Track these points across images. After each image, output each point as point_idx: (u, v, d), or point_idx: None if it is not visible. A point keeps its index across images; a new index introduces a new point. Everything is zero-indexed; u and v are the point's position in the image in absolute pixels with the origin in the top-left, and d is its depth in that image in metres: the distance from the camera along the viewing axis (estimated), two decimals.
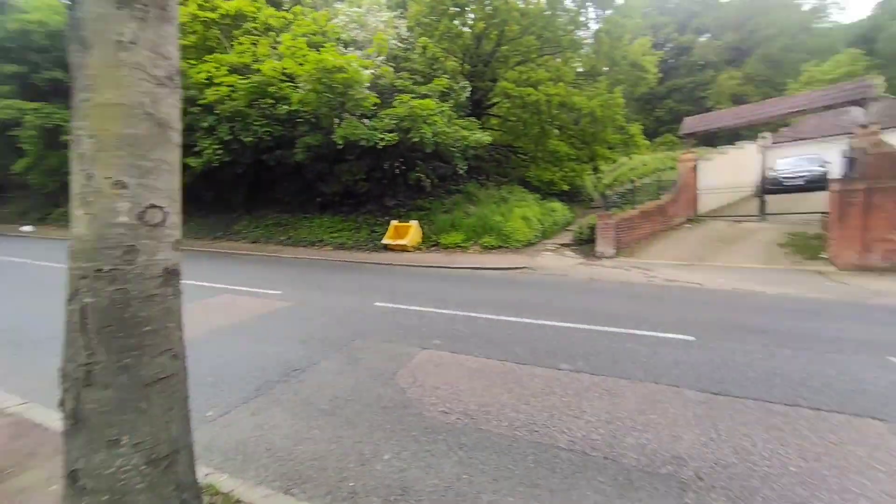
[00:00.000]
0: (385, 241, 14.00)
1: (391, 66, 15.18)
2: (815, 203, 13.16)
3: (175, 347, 1.91)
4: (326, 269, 11.42)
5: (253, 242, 16.19)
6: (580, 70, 21.19)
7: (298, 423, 3.52)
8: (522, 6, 17.77)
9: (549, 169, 19.69)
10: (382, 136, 13.05)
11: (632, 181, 16.30)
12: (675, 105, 45.23)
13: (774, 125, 25.09)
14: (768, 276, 9.36)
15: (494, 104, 20.37)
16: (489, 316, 6.40)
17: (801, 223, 12.90)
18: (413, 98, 13.34)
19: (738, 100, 39.01)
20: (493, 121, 21.96)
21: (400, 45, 16.87)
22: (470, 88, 17.50)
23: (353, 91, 13.26)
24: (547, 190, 20.09)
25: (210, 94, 14.08)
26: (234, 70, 14.54)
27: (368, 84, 13.73)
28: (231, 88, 14.14)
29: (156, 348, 1.82)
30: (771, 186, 15.92)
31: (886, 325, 5.94)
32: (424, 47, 16.55)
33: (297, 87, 14.24)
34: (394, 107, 13.34)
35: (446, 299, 7.57)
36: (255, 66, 14.56)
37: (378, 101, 14.22)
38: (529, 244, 14.07)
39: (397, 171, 15.91)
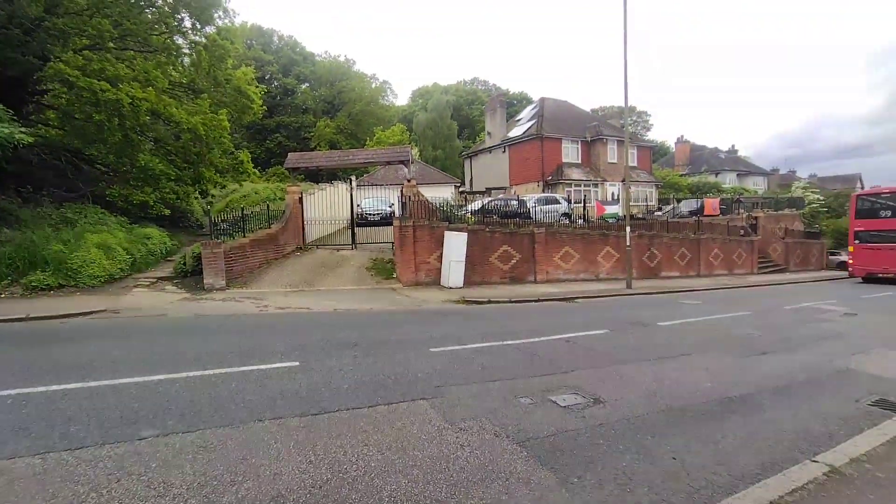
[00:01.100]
0: None
1: None
2: (388, 234, 17.04)
3: None
4: None
5: None
6: (181, 81, 19.01)
7: None
8: None
9: (141, 188, 16.32)
10: None
11: (242, 209, 15.91)
12: (283, 140, 48.57)
13: (360, 170, 31.21)
14: (360, 295, 11.23)
15: (48, 91, 15.11)
16: (21, 390, 4.39)
17: (380, 251, 16.38)
18: None
19: (333, 145, 46.32)
20: (50, 114, 16.26)
21: None
22: None
23: None
24: (140, 213, 16.61)
25: None
26: None
27: None
28: None
29: None
30: (359, 220, 19.39)
31: (426, 324, 8.25)
32: None
33: None
34: None
35: None
36: None
37: None
38: (112, 280, 11.06)
39: None
